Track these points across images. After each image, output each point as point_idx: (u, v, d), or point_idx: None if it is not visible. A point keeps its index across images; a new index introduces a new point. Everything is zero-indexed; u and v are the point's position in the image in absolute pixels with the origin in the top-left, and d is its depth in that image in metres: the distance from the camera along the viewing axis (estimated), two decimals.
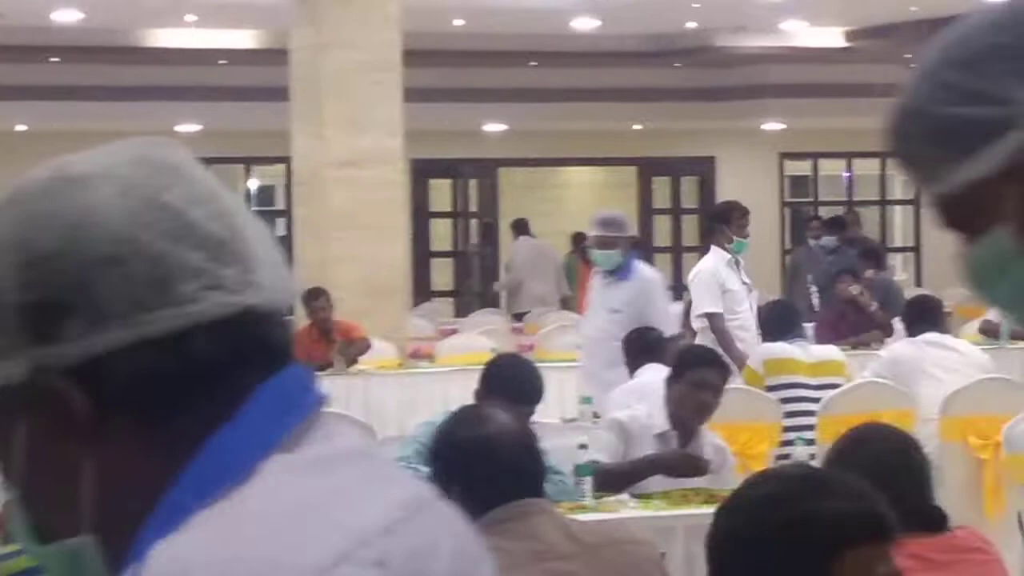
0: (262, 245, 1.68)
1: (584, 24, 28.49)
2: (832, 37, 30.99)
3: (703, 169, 39.35)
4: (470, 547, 1.74)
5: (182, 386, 1.60)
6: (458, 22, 26.36)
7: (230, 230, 1.64)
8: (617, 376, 12.51)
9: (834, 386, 14.24)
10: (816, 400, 13.33)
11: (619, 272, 13.64)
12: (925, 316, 16.04)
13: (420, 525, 1.61)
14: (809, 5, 27.51)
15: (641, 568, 4.95)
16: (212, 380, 1.61)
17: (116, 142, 1.71)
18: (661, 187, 39.59)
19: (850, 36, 30.39)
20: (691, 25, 29.79)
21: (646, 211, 37.84)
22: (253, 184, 32.58)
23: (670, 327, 14.36)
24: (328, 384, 11.82)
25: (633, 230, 14.31)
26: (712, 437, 9.16)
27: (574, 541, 4.70)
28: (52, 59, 27.37)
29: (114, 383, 1.58)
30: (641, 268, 13.79)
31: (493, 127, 32.61)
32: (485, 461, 4.99)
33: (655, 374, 9.40)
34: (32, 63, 26.33)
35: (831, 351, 15.20)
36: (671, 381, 8.79)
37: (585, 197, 38.85)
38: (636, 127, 37.43)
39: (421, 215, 31.87)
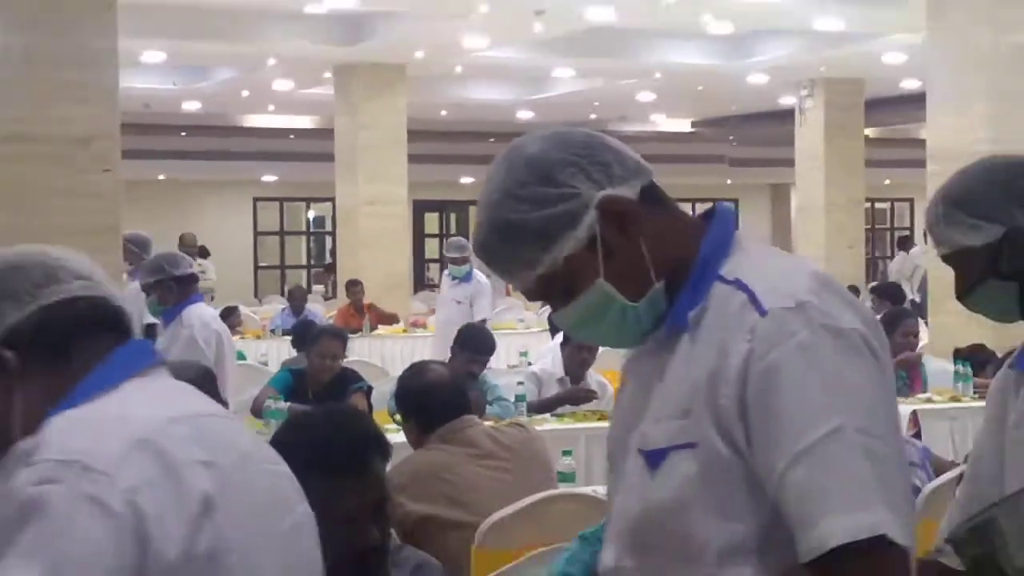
0: (103, 274, 1.90)
1: (524, 115, 27.99)
2: (682, 125, 30.80)
3: None
4: (263, 445, 1.90)
5: (66, 336, 1.77)
6: (444, 112, 26.26)
7: (83, 267, 1.87)
8: None
9: None
10: None
11: (463, 278, 14.49)
12: None
13: (222, 420, 1.81)
14: (667, 105, 27.28)
15: (540, 456, 5.09)
16: (81, 335, 1.76)
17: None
18: None
19: (695, 124, 30.39)
20: (593, 116, 29.09)
21: None
22: (311, 214, 33.19)
23: (488, 312, 14.97)
24: (359, 343, 12.41)
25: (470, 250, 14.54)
26: (596, 376, 9.38)
27: (498, 444, 4.84)
28: (181, 133, 27.31)
29: (29, 339, 1.76)
30: (476, 274, 14.28)
31: (466, 179, 32.81)
32: (427, 398, 5.03)
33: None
34: (167, 135, 26.44)
35: None
36: (563, 345, 9.02)
37: None
38: None
39: (419, 236, 32.86)
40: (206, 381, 5.56)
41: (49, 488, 1.53)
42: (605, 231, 1.96)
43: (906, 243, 23.59)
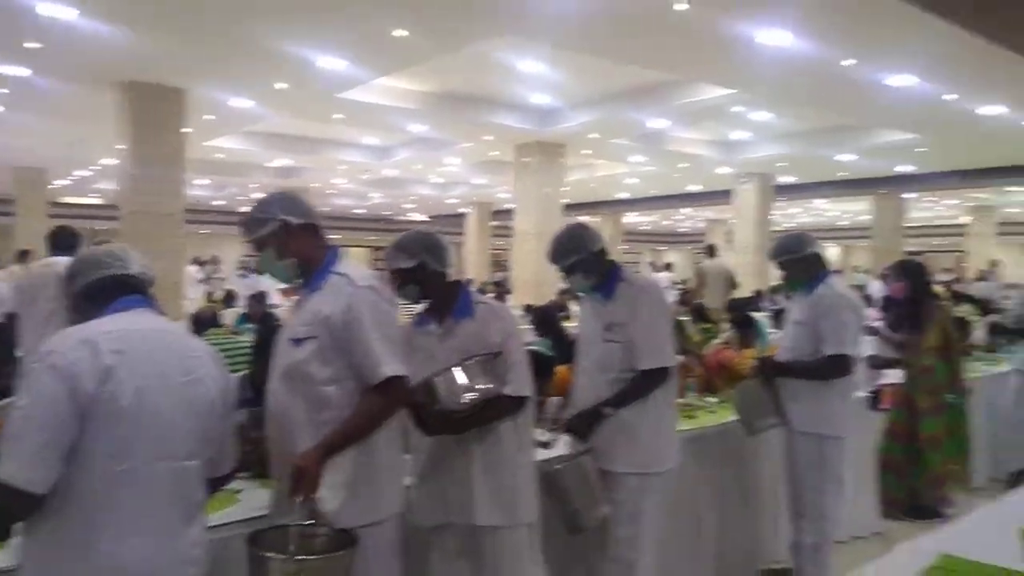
0: (137, 264, 1.81)
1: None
2: (424, 217, 26.27)
3: None
4: (181, 346, 1.76)
5: (98, 293, 1.77)
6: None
7: (122, 258, 1.80)
8: None
9: None
10: None
11: None
12: None
13: (152, 331, 1.72)
14: (423, 209, 24.59)
15: None
16: (107, 293, 1.77)
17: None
18: None
19: (431, 217, 25.79)
20: (412, 213, 26.62)
21: None
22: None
23: None
24: None
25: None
26: None
27: None
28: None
29: (86, 295, 1.77)
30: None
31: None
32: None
33: None
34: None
35: None
36: None
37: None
38: None
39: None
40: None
41: (37, 365, 1.60)
42: (279, 232, 2.09)
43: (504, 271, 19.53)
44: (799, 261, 3.32)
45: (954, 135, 10.90)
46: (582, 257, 2.81)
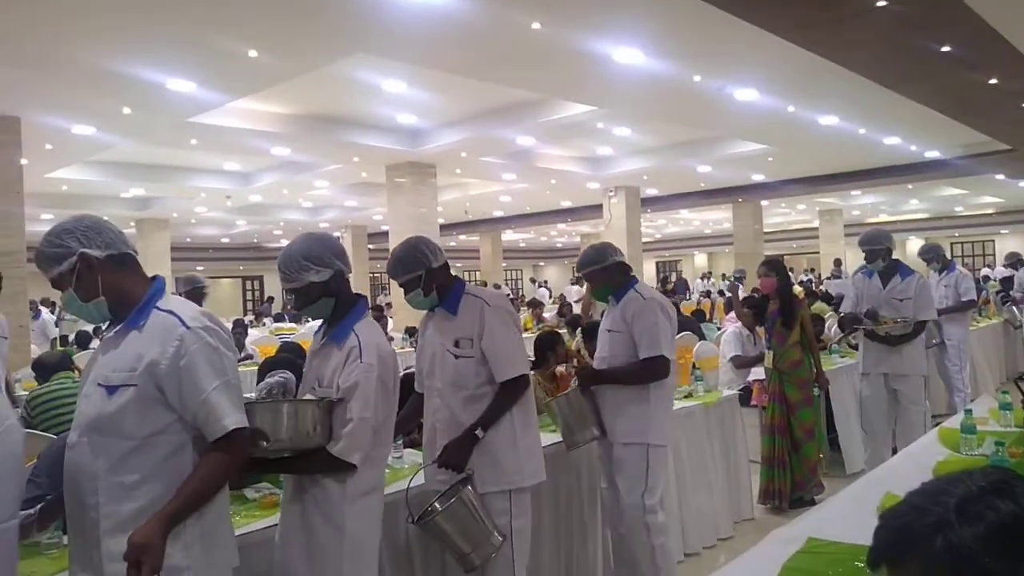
0: None
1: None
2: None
3: None
4: None
5: None
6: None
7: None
8: None
9: None
10: None
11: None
12: None
13: None
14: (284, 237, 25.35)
15: None
16: None
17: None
18: None
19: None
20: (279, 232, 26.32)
21: None
22: None
23: None
24: None
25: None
26: None
27: None
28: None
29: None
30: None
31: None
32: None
33: None
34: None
35: None
36: None
37: None
38: None
39: None
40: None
41: None
42: (80, 267, 1.84)
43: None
44: (603, 271, 3.36)
45: (799, 144, 11.63)
46: (419, 274, 2.71)
